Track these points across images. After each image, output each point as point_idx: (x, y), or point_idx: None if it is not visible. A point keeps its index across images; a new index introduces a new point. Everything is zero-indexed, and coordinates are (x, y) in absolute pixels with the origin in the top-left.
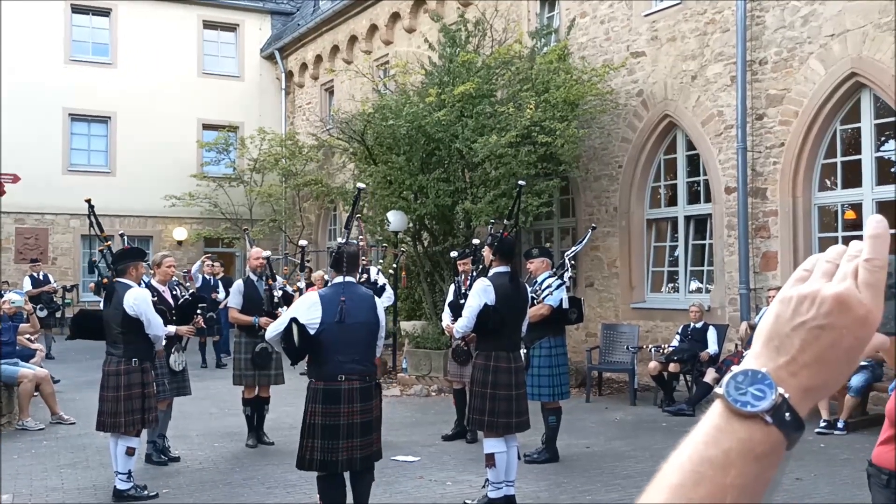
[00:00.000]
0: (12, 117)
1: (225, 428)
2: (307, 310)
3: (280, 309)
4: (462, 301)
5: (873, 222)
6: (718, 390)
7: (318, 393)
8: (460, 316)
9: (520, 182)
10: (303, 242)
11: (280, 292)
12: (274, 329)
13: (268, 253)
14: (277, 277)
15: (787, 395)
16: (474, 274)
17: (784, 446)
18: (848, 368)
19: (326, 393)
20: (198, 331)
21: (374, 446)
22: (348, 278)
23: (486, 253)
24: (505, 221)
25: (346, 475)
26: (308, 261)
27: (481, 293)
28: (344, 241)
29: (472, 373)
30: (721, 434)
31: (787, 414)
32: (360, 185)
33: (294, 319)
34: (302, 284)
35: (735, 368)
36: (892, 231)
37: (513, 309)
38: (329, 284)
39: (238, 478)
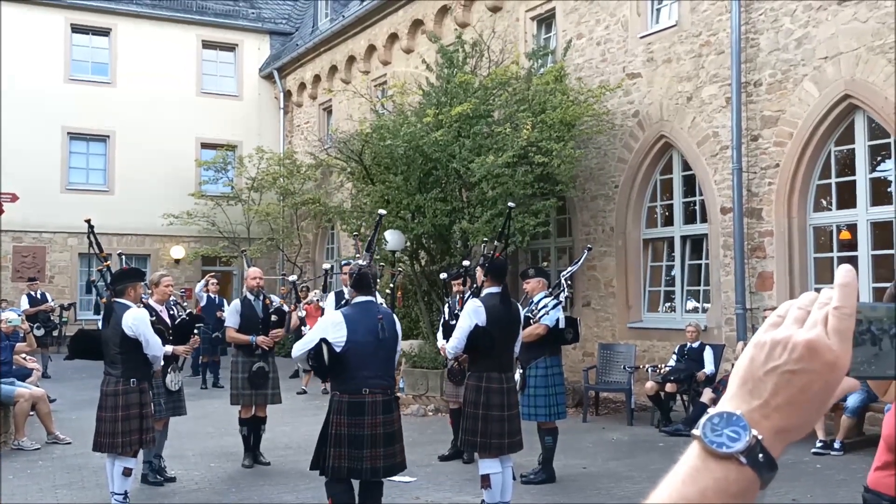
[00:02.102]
0: (11, 135)
1: (221, 448)
2: (333, 329)
3: (303, 328)
4: (453, 322)
5: (842, 272)
6: (696, 432)
7: (343, 405)
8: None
9: (510, 204)
10: (292, 277)
11: (275, 316)
12: (300, 348)
13: (293, 277)
14: (273, 297)
15: (760, 437)
16: (462, 295)
17: (758, 485)
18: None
19: (351, 405)
20: (202, 350)
21: (398, 457)
22: (367, 297)
23: (479, 273)
24: (496, 242)
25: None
26: (306, 282)
27: (472, 314)
28: (367, 263)
29: (464, 393)
30: (698, 474)
31: (760, 455)
32: (382, 211)
33: (324, 339)
34: (323, 303)
35: (711, 411)
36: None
37: (504, 329)
38: (351, 303)
39: (234, 498)
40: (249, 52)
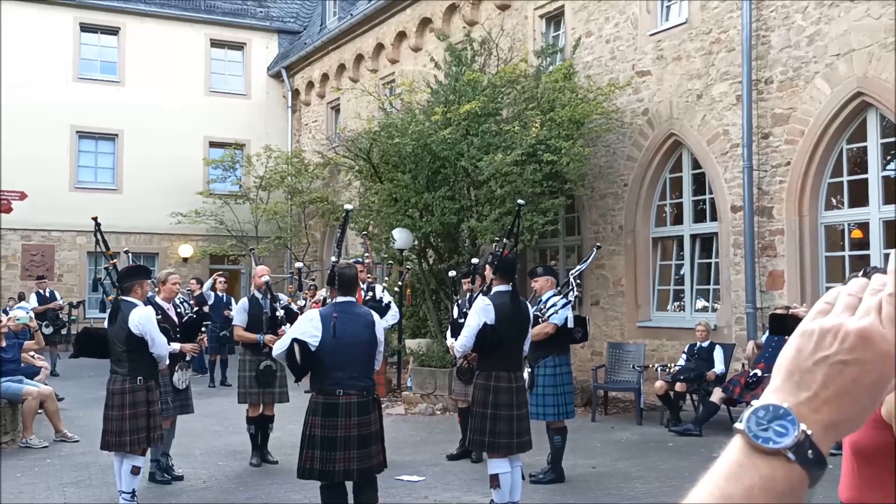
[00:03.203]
0: (20, 134)
1: (229, 446)
2: (308, 327)
3: (283, 327)
4: (462, 320)
5: None
6: (739, 425)
7: (318, 406)
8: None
9: (519, 202)
10: (298, 265)
11: (282, 311)
12: (280, 346)
13: (266, 277)
14: (281, 296)
15: (809, 432)
16: (470, 294)
17: (806, 484)
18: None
19: (325, 406)
20: (209, 349)
21: (375, 459)
22: (346, 298)
23: (488, 272)
24: (504, 240)
25: (349, 487)
26: (313, 279)
27: (481, 312)
28: (336, 260)
29: (472, 393)
30: (742, 470)
31: (809, 451)
32: (348, 206)
33: (295, 339)
34: (302, 303)
35: (755, 403)
36: None
37: (513, 328)
38: (329, 303)
39: (242, 497)
40: (258, 50)
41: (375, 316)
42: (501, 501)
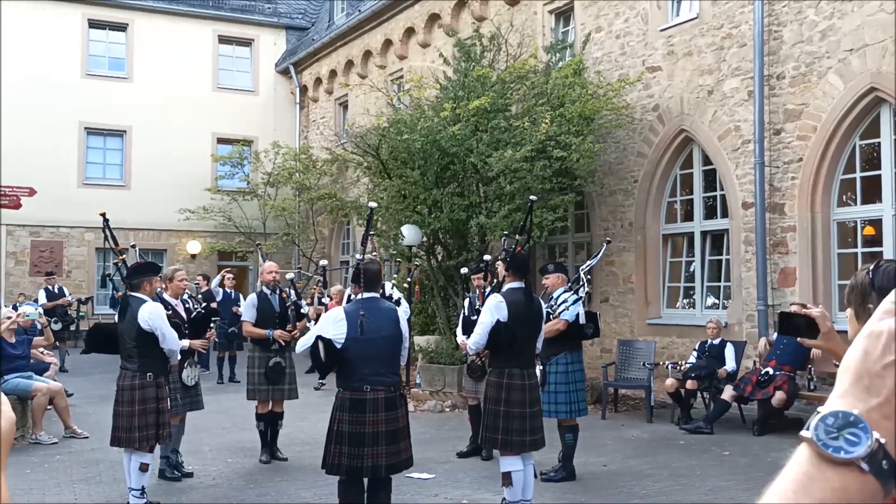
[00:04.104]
0: (28, 130)
1: (238, 443)
2: (333, 325)
3: (309, 323)
4: (474, 317)
5: None
6: (805, 433)
7: (346, 402)
8: (472, 332)
9: (531, 197)
10: (324, 262)
11: (293, 308)
12: (303, 344)
13: (291, 275)
14: (290, 291)
15: (883, 441)
16: (487, 290)
17: (881, 496)
18: None
19: (353, 402)
20: (217, 346)
21: (403, 455)
22: (370, 294)
23: (500, 268)
24: (517, 237)
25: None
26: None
27: (494, 309)
28: (361, 257)
29: (485, 390)
30: (812, 483)
31: (883, 461)
32: (372, 203)
33: (320, 336)
34: (326, 300)
35: (822, 409)
36: None
37: (526, 325)
38: (352, 300)
39: (252, 494)
40: (265, 47)
41: (399, 311)
42: (513, 499)
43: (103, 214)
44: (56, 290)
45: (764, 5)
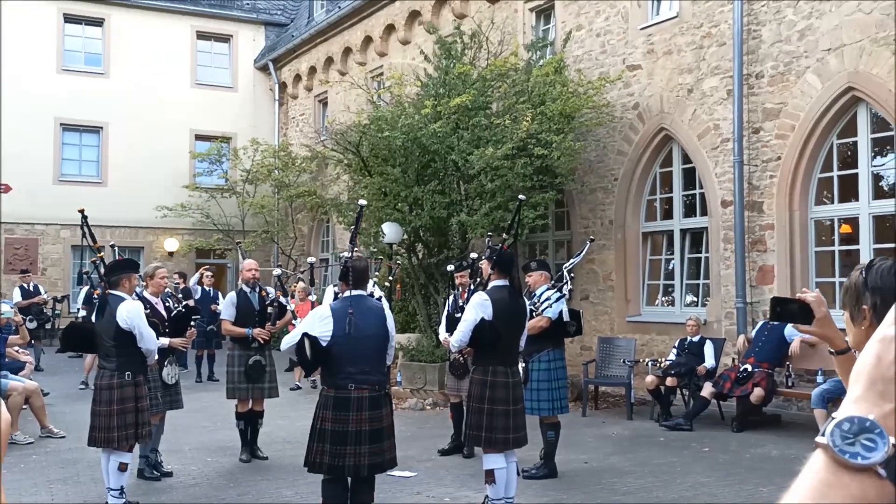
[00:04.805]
0: (3, 126)
1: (218, 442)
2: (319, 323)
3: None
4: (458, 315)
5: None
6: (821, 439)
7: (329, 400)
8: (455, 330)
9: (520, 196)
10: (311, 259)
11: (275, 306)
12: (288, 341)
13: (278, 272)
14: (269, 289)
15: None
16: (471, 288)
17: None
18: None
19: (337, 401)
20: (196, 344)
21: (387, 454)
22: (357, 292)
23: (485, 266)
24: (504, 235)
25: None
26: (303, 271)
27: (478, 307)
28: (350, 255)
29: (468, 388)
30: (829, 490)
31: None
32: (362, 201)
33: (306, 334)
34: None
35: (837, 415)
36: None
37: (511, 323)
38: (339, 298)
39: (232, 493)
40: (244, 43)
41: (386, 309)
42: (496, 497)
43: (82, 211)
44: (31, 288)
45: (743, 5)
